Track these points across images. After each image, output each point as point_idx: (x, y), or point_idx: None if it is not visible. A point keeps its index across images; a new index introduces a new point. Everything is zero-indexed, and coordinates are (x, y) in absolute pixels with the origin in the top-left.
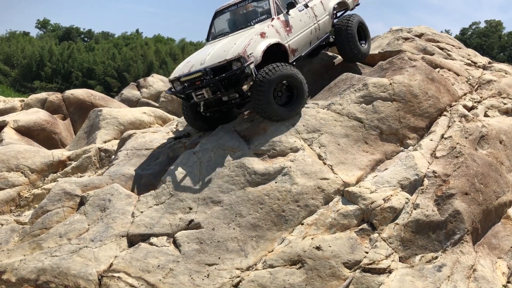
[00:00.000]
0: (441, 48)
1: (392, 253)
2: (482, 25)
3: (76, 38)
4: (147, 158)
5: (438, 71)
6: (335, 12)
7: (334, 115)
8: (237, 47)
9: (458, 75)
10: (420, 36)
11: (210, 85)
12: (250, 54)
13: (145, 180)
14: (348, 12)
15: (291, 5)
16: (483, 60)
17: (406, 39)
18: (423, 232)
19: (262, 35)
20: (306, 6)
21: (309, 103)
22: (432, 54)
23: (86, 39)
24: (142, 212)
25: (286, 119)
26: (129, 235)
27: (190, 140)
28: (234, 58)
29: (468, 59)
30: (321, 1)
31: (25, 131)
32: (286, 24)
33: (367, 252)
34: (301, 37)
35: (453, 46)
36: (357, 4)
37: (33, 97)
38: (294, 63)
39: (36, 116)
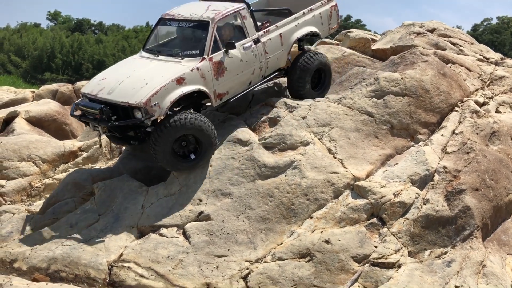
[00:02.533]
0: (453, 44)
1: (401, 248)
2: (494, 21)
3: (87, 30)
4: None
5: (450, 67)
6: (300, 43)
7: (345, 109)
8: (145, 90)
9: (470, 70)
10: (432, 31)
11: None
12: (155, 104)
13: (155, 171)
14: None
15: (230, 46)
16: (495, 56)
17: (418, 34)
18: (433, 227)
19: (180, 81)
20: (257, 41)
21: (319, 97)
22: (444, 49)
23: (96, 31)
24: (152, 203)
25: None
26: (139, 226)
27: None
28: (136, 106)
29: (480, 55)
30: (280, 34)
31: (36, 122)
32: (219, 66)
33: (376, 247)
34: (237, 79)
35: (465, 41)
36: (335, 32)
37: (44, 88)
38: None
39: (47, 107)
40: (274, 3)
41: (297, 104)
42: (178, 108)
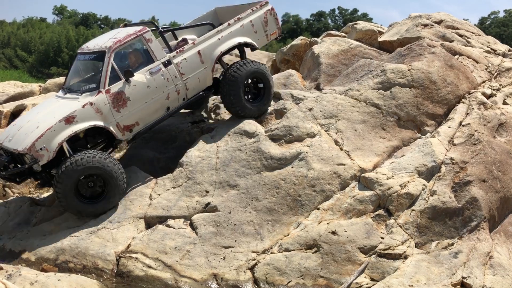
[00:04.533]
0: (461, 35)
1: (408, 239)
2: (501, 14)
3: (93, 24)
4: (164, 142)
5: (457, 58)
6: (242, 53)
7: (351, 101)
8: (33, 135)
9: (477, 62)
10: (439, 23)
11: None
12: (42, 148)
13: (163, 163)
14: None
15: (129, 74)
16: (502, 47)
17: (425, 25)
18: (440, 218)
19: (69, 120)
20: (168, 63)
21: (326, 89)
22: (451, 41)
23: (102, 25)
24: (159, 194)
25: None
26: (146, 217)
27: (207, 124)
28: (22, 153)
29: (487, 47)
30: (198, 52)
31: None
32: (118, 97)
33: (383, 238)
34: (147, 107)
35: (472, 33)
36: (276, 38)
37: (51, 81)
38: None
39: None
40: (222, 14)
41: (304, 96)
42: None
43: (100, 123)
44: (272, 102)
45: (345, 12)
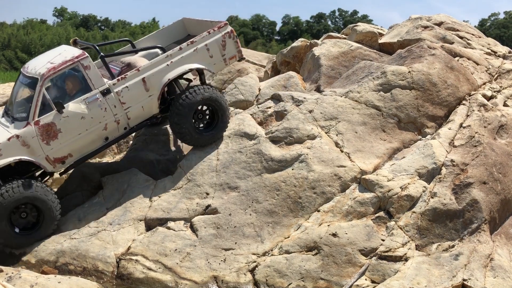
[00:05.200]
0: (461, 37)
1: (408, 241)
2: (501, 16)
3: (93, 26)
4: (164, 144)
5: (458, 60)
6: (201, 76)
7: (352, 103)
8: None
9: (477, 64)
10: (439, 24)
11: None
12: None
13: (163, 165)
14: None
15: (59, 106)
16: (503, 49)
17: (426, 27)
18: (440, 220)
19: None
20: (107, 92)
21: (326, 90)
22: (452, 43)
23: (103, 27)
24: (159, 196)
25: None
26: (146, 219)
27: None
28: None
29: (488, 48)
30: (142, 79)
31: None
32: (49, 129)
33: (383, 240)
34: (81, 139)
35: (473, 35)
36: (240, 59)
37: None
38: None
39: None
40: (189, 26)
41: (304, 98)
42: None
43: (26, 157)
44: (272, 104)
45: (345, 14)
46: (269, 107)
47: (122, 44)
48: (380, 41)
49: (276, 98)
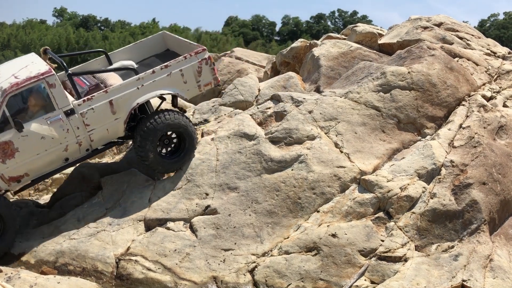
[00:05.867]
0: (461, 38)
1: (408, 242)
2: (501, 17)
3: (93, 26)
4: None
5: (457, 61)
6: (173, 100)
7: (351, 104)
8: None
9: (477, 64)
10: (439, 25)
11: None
12: None
13: None
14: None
15: (18, 125)
16: (502, 50)
17: (425, 28)
18: (440, 221)
19: None
20: (71, 113)
21: (326, 91)
22: (451, 44)
23: (102, 27)
24: (159, 197)
25: None
26: (146, 219)
27: (207, 127)
28: None
29: (487, 49)
30: (110, 102)
31: None
32: (6, 148)
33: (383, 241)
34: (40, 159)
35: (472, 35)
36: (216, 86)
37: None
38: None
39: None
40: (168, 41)
41: (304, 98)
42: None
43: None
44: (272, 104)
45: (345, 15)
46: (269, 108)
47: (97, 54)
48: (379, 42)
49: (276, 99)
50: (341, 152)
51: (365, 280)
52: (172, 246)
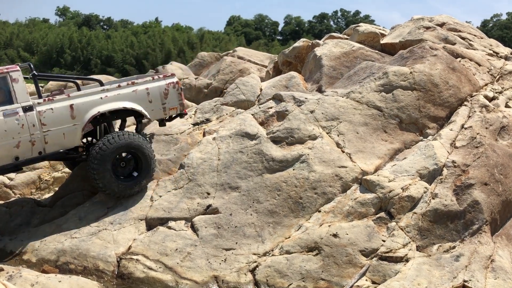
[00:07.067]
0: (463, 38)
1: (409, 242)
2: (504, 17)
3: (95, 25)
4: (166, 144)
5: (460, 61)
6: (138, 120)
7: (353, 103)
8: None
9: (479, 65)
10: (441, 25)
11: None
12: None
13: (164, 165)
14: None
15: None
16: (505, 50)
17: (428, 28)
18: (441, 221)
19: None
20: (29, 109)
21: (328, 91)
22: (454, 44)
23: (105, 26)
24: (160, 196)
25: None
26: (147, 218)
27: (209, 126)
28: None
29: (490, 49)
30: (71, 105)
31: None
32: None
33: (384, 241)
34: None
35: (475, 36)
36: (180, 115)
37: (53, 82)
38: None
39: None
40: None
41: (306, 98)
42: None
43: None
44: (273, 104)
45: (347, 14)
46: (271, 107)
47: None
48: (382, 42)
49: (278, 98)
50: (343, 152)
51: (366, 280)
52: (173, 245)
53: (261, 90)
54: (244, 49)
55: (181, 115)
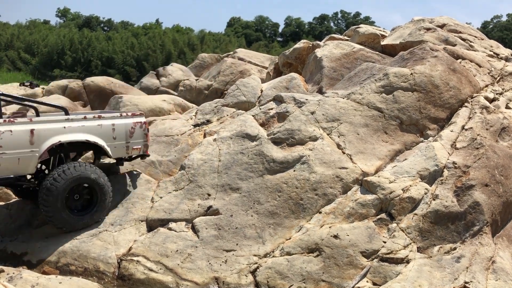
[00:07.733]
0: (463, 39)
1: (410, 243)
2: (504, 18)
3: (96, 27)
4: (166, 145)
5: (460, 62)
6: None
7: (354, 105)
8: None
9: (480, 66)
10: (442, 26)
11: None
12: None
13: (165, 166)
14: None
15: None
16: (505, 51)
17: (428, 29)
18: (442, 223)
19: None
20: None
21: (328, 92)
22: (454, 45)
23: (106, 28)
24: (161, 197)
25: None
26: (148, 220)
27: (209, 127)
28: None
29: (490, 51)
30: (31, 131)
31: None
32: None
33: (385, 242)
34: None
35: (475, 37)
36: (142, 156)
37: (54, 83)
38: None
39: (57, 102)
40: None
41: (306, 99)
42: None
43: None
44: (274, 105)
45: (347, 16)
46: (271, 109)
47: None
48: (382, 43)
49: (278, 100)
50: (344, 153)
51: (367, 281)
52: (174, 246)
53: (261, 91)
54: (245, 51)
55: (143, 156)
